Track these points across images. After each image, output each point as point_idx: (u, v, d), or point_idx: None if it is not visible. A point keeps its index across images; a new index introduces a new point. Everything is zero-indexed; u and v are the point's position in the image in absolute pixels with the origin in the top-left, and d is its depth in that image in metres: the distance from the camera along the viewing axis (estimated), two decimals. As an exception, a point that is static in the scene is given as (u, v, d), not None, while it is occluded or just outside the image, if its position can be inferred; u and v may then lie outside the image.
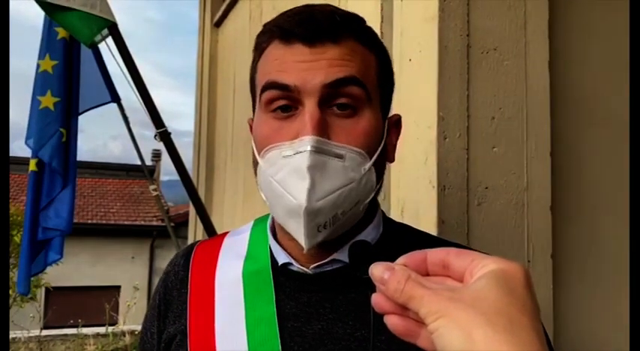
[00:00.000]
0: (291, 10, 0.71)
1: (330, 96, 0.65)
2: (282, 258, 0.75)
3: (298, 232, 0.65)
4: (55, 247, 2.67)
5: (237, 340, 0.70)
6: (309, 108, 0.64)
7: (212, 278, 0.77)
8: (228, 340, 0.70)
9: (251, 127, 0.77)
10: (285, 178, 0.65)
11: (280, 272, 0.74)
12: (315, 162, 0.63)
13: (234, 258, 0.79)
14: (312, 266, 0.72)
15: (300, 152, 0.63)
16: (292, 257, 0.74)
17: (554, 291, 1.25)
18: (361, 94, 0.67)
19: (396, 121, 0.77)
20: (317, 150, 0.63)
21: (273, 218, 0.80)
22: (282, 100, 0.66)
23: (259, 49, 0.72)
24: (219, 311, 0.73)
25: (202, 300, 0.75)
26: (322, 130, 0.64)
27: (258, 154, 0.69)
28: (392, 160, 0.76)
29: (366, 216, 0.73)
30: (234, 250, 0.80)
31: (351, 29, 0.69)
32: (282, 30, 0.68)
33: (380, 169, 0.71)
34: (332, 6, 0.72)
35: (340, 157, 0.65)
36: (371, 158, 0.68)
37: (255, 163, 0.71)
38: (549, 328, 1.19)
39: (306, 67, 0.65)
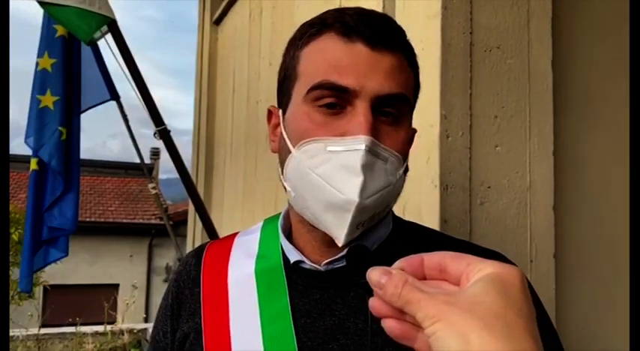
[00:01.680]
0: (347, 8, 0.71)
1: (381, 104, 0.68)
2: (293, 256, 0.76)
3: (339, 226, 0.65)
4: (60, 245, 2.67)
5: (252, 337, 0.70)
6: (363, 110, 0.66)
7: (224, 276, 0.78)
8: (242, 337, 0.71)
9: (270, 114, 0.78)
10: (331, 172, 0.65)
11: (292, 270, 0.75)
12: (368, 161, 0.64)
13: (246, 257, 0.80)
14: (324, 263, 0.73)
15: (354, 150, 0.64)
16: (304, 255, 0.75)
17: (556, 291, 1.24)
18: (405, 109, 0.71)
19: (413, 134, 0.79)
20: (370, 150, 0.65)
21: (284, 218, 0.81)
22: (332, 98, 0.67)
23: (306, 37, 0.71)
24: (233, 309, 0.74)
25: (215, 298, 0.76)
26: (374, 132, 0.66)
27: (293, 145, 0.69)
28: (407, 169, 0.78)
29: None
30: (245, 249, 0.81)
31: (403, 42, 0.72)
32: (345, 25, 0.68)
33: (405, 176, 0.73)
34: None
35: (385, 160, 0.67)
36: (403, 164, 0.71)
37: (286, 153, 0.71)
38: (552, 328, 1.18)
39: (364, 72, 0.66)
